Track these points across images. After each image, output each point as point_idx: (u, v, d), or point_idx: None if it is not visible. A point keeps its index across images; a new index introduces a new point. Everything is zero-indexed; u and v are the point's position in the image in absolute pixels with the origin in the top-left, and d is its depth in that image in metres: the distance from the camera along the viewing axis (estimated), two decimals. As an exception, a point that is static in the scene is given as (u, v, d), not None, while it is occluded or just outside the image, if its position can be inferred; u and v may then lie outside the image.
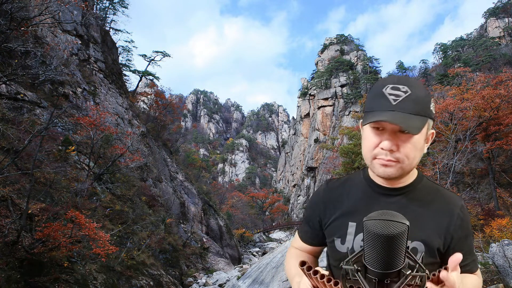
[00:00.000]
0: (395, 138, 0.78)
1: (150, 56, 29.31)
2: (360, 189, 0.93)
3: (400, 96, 0.76)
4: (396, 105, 0.75)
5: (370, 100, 0.82)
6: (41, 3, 9.02)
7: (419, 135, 0.78)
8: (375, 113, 0.77)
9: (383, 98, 0.78)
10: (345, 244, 0.88)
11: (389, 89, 0.78)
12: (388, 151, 0.78)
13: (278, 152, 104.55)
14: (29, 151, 8.03)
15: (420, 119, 0.76)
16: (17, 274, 5.60)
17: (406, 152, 0.78)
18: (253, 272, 10.78)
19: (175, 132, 35.96)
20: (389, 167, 0.80)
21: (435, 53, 59.99)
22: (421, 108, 0.77)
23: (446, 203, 0.87)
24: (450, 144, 13.02)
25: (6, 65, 9.13)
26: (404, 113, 0.74)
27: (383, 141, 0.78)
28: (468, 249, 0.87)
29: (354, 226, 0.88)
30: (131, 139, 13.48)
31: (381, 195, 0.89)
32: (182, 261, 14.06)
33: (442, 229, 0.84)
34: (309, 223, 1.02)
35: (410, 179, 0.89)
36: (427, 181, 0.92)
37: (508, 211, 11.91)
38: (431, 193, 0.89)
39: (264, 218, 47.42)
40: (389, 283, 0.57)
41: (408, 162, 0.80)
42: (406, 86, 0.77)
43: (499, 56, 38.70)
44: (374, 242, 0.54)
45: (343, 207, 0.92)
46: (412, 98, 0.76)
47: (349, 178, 0.99)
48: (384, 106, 0.77)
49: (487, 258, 6.01)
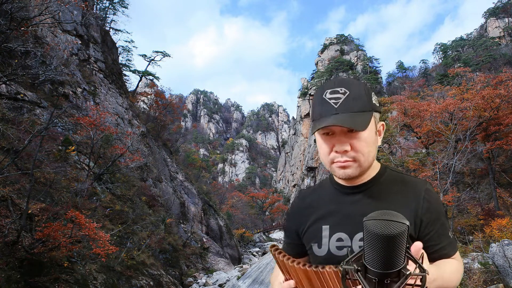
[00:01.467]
0: (346, 139, 0.80)
1: (150, 56, 29.33)
2: (328, 193, 0.96)
3: (340, 98, 0.79)
4: (338, 107, 0.78)
5: (313, 108, 0.85)
6: (41, 3, 9.02)
7: (368, 130, 0.81)
8: (320, 120, 0.80)
9: (325, 104, 0.80)
10: (321, 248, 0.90)
11: (328, 94, 0.81)
12: (342, 153, 0.81)
13: (278, 152, 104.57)
14: (29, 151, 8.03)
15: (364, 114, 0.79)
16: (17, 274, 5.60)
17: (360, 150, 0.81)
18: (253, 272, 10.78)
19: (175, 132, 35.97)
20: (348, 167, 0.82)
21: (435, 53, 60.09)
22: (363, 105, 0.80)
23: (411, 189, 0.88)
24: (450, 144, 13.02)
25: (6, 65, 9.12)
26: (347, 113, 0.77)
27: (335, 144, 0.81)
28: (442, 232, 0.86)
29: (328, 228, 0.90)
30: (131, 139, 13.48)
31: (347, 194, 0.91)
32: (182, 261, 14.06)
33: (411, 215, 0.83)
34: (288, 236, 1.04)
35: (371, 174, 0.90)
36: (391, 172, 0.93)
37: (508, 211, 11.92)
38: (395, 183, 0.90)
39: (264, 218, 47.42)
40: (389, 283, 0.57)
41: (364, 158, 0.82)
42: (344, 87, 0.80)
43: (499, 56, 38.72)
44: (374, 242, 0.54)
45: (315, 213, 0.94)
46: (351, 98, 0.79)
47: (319, 185, 1.03)
48: (327, 112, 0.79)
49: (487, 258, 6.01)
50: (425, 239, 0.84)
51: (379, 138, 0.89)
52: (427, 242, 0.84)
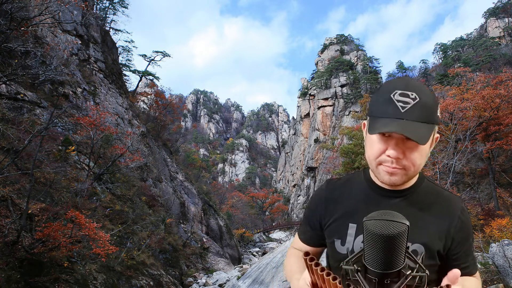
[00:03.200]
0: (402, 146, 0.76)
1: (150, 56, 29.33)
2: (361, 190, 0.92)
3: (409, 103, 0.74)
4: (404, 113, 0.74)
5: (377, 104, 0.80)
6: (41, 3, 9.02)
7: (423, 145, 0.76)
8: (383, 121, 0.75)
9: (391, 105, 0.75)
10: (345, 245, 0.88)
11: (397, 95, 0.75)
12: (394, 159, 0.77)
13: (278, 152, 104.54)
14: (29, 151, 8.02)
15: (427, 127, 0.75)
16: (17, 274, 5.60)
17: (412, 160, 0.77)
18: (253, 272, 10.78)
19: (175, 132, 35.96)
20: (395, 175, 0.79)
21: (435, 53, 60.00)
22: (429, 115, 0.75)
23: (446, 205, 0.87)
24: (450, 144, 13.02)
25: (6, 65, 9.12)
26: (412, 122, 0.73)
27: (390, 148, 0.77)
28: (469, 252, 0.88)
29: (355, 227, 0.88)
30: (131, 139, 13.48)
31: (382, 196, 0.88)
32: (182, 261, 14.06)
33: (443, 231, 0.83)
34: (309, 223, 1.01)
35: (412, 181, 0.88)
36: (428, 183, 0.91)
37: (508, 211, 11.91)
38: (431, 195, 0.88)
39: (264, 218, 47.42)
40: (389, 283, 0.57)
41: (413, 169, 0.79)
42: (415, 92, 0.75)
43: (499, 56, 38.70)
44: (374, 242, 0.54)
45: (343, 208, 0.92)
46: (420, 105, 0.74)
47: (350, 179, 0.98)
48: (392, 114, 0.75)
49: (487, 258, 6.00)
50: (453, 258, 0.86)
51: (430, 149, 0.85)
52: (454, 261, 0.86)
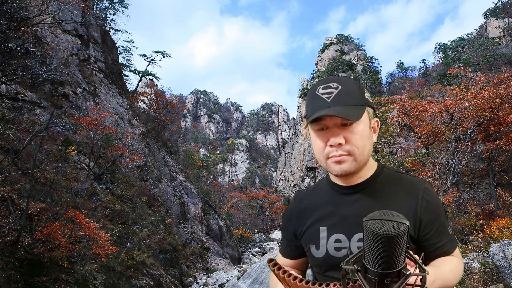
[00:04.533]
0: (340, 132, 0.79)
1: (150, 56, 29.32)
2: (325, 194, 0.94)
3: (332, 93, 0.79)
4: (330, 101, 0.78)
5: (306, 106, 0.85)
6: (41, 3, 9.02)
7: (362, 124, 0.81)
8: (314, 115, 0.79)
9: (317, 99, 0.80)
10: (320, 249, 0.89)
11: (320, 90, 0.81)
12: (337, 146, 0.80)
13: (278, 152, 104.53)
14: (29, 151, 8.03)
15: (356, 108, 0.79)
16: (17, 274, 5.60)
17: (354, 143, 0.80)
18: (253, 272, 10.78)
19: (175, 132, 35.97)
20: (343, 162, 0.81)
21: (435, 53, 60.09)
22: (355, 99, 0.80)
23: (409, 188, 0.87)
24: (450, 144, 13.02)
25: (6, 65, 9.12)
26: (340, 106, 0.77)
27: (330, 138, 0.80)
28: (441, 230, 0.86)
29: (325, 229, 0.89)
30: (131, 139, 13.47)
31: (344, 195, 0.90)
32: (182, 261, 14.06)
33: (410, 214, 0.83)
34: (286, 237, 1.03)
35: (368, 173, 0.89)
36: (388, 171, 0.92)
37: (508, 211, 11.92)
38: (393, 182, 0.89)
39: (264, 218, 47.40)
40: (389, 283, 0.57)
41: (359, 151, 0.81)
42: (336, 83, 0.80)
43: (499, 56, 38.71)
44: (374, 242, 0.54)
45: (313, 215, 0.94)
46: (344, 92, 0.79)
47: (316, 186, 1.01)
48: (320, 106, 0.79)
49: (487, 258, 6.01)
50: (425, 238, 0.85)
51: (374, 135, 0.88)
52: (427, 241, 0.85)
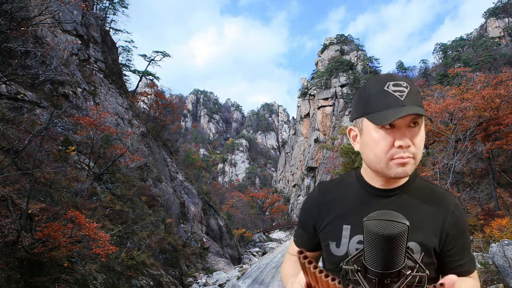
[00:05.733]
0: (408, 134, 0.77)
1: (150, 56, 29.32)
2: (354, 191, 0.91)
3: (404, 91, 0.76)
4: (404, 100, 0.75)
5: (371, 99, 0.79)
6: (41, 3, 9.02)
7: (422, 129, 0.79)
8: (388, 111, 0.74)
9: (389, 96, 0.76)
10: (340, 248, 0.87)
11: (391, 86, 0.77)
12: (406, 148, 0.76)
13: (278, 152, 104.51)
14: (29, 151, 8.03)
15: (423, 110, 0.77)
16: (17, 274, 5.60)
17: (419, 146, 0.78)
18: (253, 272, 10.77)
19: (175, 132, 35.98)
20: (407, 164, 0.77)
21: (435, 53, 60.02)
22: (420, 101, 0.78)
23: (440, 201, 0.86)
24: (450, 144, 13.01)
25: (6, 65, 9.12)
26: (414, 106, 0.74)
27: (397, 139, 0.76)
28: (465, 247, 0.85)
29: (349, 229, 0.87)
30: (131, 139, 13.47)
31: (375, 196, 0.87)
32: (182, 261, 14.06)
33: (438, 227, 0.83)
34: (303, 228, 1.00)
35: (404, 179, 0.87)
36: (420, 180, 0.91)
37: (508, 211, 11.91)
38: (424, 192, 0.88)
39: (264, 218, 47.40)
40: (389, 283, 0.57)
41: (419, 156, 0.79)
42: (405, 82, 0.78)
43: (499, 56, 38.68)
44: (374, 242, 0.54)
45: (337, 210, 0.91)
46: (413, 92, 0.77)
47: (341, 180, 0.98)
48: (395, 103, 0.75)
49: (487, 258, 6.00)
50: (449, 254, 0.84)
51: None
52: (450, 257, 0.84)
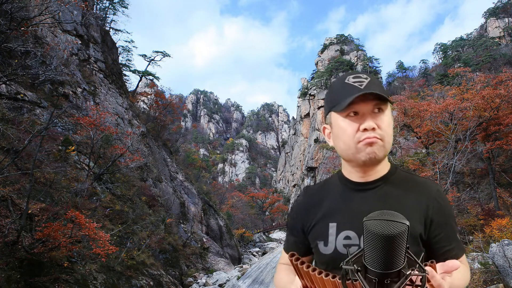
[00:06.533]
0: (372, 118, 0.80)
1: (150, 56, 29.32)
2: (337, 189, 0.94)
3: (363, 81, 0.81)
4: (364, 88, 0.79)
5: (333, 95, 0.85)
6: (41, 3, 9.03)
7: (388, 115, 0.83)
8: (348, 98, 0.79)
9: (349, 86, 0.81)
10: (328, 246, 0.88)
11: (351, 79, 0.82)
12: (371, 130, 0.80)
13: (278, 152, 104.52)
14: (29, 151, 8.03)
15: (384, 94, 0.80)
16: (17, 274, 5.60)
17: (385, 129, 0.81)
18: (253, 272, 10.78)
19: (175, 132, 35.98)
20: (375, 144, 0.81)
21: (435, 53, 60.08)
22: (383, 90, 0.81)
23: (422, 189, 0.87)
24: (450, 144, 13.01)
25: (6, 65, 9.12)
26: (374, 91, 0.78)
27: (363, 123, 0.80)
28: (451, 234, 0.86)
29: (335, 226, 0.88)
30: (131, 139, 13.48)
31: (357, 191, 0.89)
32: (182, 261, 14.06)
33: (421, 215, 0.83)
34: (293, 233, 1.01)
35: (384, 170, 0.90)
36: (401, 172, 0.93)
37: (508, 211, 11.91)
38: (406, 182, 0.89)
39: (264, 218, 47.39)
40: (389, 283, 0.57)
41: (387, 139, 0.82)
42: (364, 74, 0.83)
43: (499, 56, 38.69)
44: (374, 242, 0.54)
45: (322, 210, 0.92)
46: (373, 82, 0.81)
47: (326, 182, 1.00)
48: (353, 91, 0.79)
49: (487, 258, 6.01)
50: (435, 240, 0.84)
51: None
52: (436, 244, 0.84)
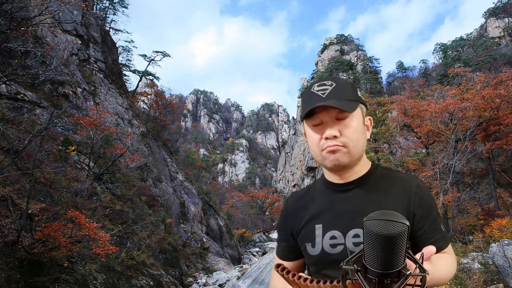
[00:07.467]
0: (335, 126, 0.83)
1: (150, 56, 29.32)
2: (321, 192, 0.96)
3: (327, 89, 0.83)
4: (326, 97, 0.82)
5: (302, 104, 0.88)
6: (41, 3, 9.03)
7: (356, 119, 0.85)
8: (307, 110, 0.82)
9: (313, 96, 0.84)
10: (315, 247, 0.90)
11: (315, 87, 0.85)
12: (332, 138, 0.82)
13: (278, 152, 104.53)
14: (29, 151, 8.03)
15: (350, 102, 0.82)
16: (17, 274, 5.60)
17: (348, 135, 0.83)
18: (253, 272, 10.79)
19: (175, 132, 35.99)
20: (338, 151, 0.83)
21: (435, 53, 60.14)
22: (349, 95, 0.84)
23: (402, 185, 0.89)
24: (450, 144, 13.01)
25: (6, 65, 9.13)
26: (334, 100, 0.81)
27: (325, 131, 0.83)
28: (434, 226, 0.87)
29: (320, 227, 0.90)
30: (131, 139, 13.48)
31: (338, 192, 0.92)
32: (182, 261, 14.06)
33: (404, 209, 0.84)
34: (283, 238, 1.03)
35: (362, 171, 0.91)
36: (382, 169, 0.94)
37: (508, 211, 11.92)
38: (386, 180, 0.91)
39: (264, 218, 47.37)
40: (389, 283, 0.57)
41: (353, 144, 0.83)
42: (331, 81, 0.85)
43: (499, 56, 38.71)
44: (374, 242, 0.54)
45: (309, 213, 0.95)
46: (338, 88, 0.83)
47: (311, 186, 1.03)
48: (315, 101, 0.82)
49: (487, 258, 6.01)
50: (418, 234, 0.85)
51: (367, 132, 0.91)
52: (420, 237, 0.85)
